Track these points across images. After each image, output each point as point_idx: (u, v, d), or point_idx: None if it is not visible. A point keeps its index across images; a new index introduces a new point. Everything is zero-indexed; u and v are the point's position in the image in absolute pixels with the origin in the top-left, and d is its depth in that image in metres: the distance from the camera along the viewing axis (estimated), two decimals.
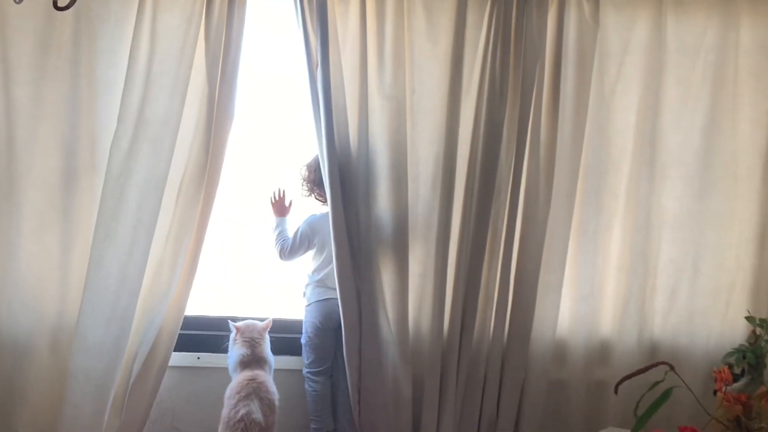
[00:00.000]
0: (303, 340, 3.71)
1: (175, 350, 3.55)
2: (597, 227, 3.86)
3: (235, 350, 3.57)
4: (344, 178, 3.58)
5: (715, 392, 3.74)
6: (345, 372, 3.65)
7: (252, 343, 3.57)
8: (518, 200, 3.73)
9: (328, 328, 3.68)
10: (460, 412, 3.75)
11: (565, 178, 3.78)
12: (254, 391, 3.41)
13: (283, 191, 3.83)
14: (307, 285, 3.79)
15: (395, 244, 3.63)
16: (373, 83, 3.60)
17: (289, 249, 3.73)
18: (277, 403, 3.48)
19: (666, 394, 3.37)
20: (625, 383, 3.87)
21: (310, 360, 3.68)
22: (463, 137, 3.67)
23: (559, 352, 3.90)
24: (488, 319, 3.76)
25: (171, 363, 3.54)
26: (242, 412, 3.35)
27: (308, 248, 3.76)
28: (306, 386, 3.68)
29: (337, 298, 3.63)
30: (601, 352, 3.94)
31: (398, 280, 3.65)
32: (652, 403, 3.35)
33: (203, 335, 3.71)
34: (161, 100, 3.37)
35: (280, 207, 3.83)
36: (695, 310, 3.96)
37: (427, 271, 3.68)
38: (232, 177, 3.65)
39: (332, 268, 3.64)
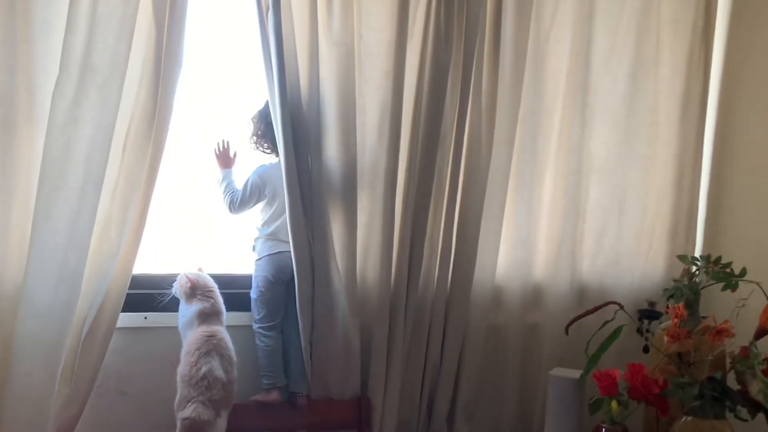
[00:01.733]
0: (254, 295, 3.63)
1: (121, 311, 3.41)
2: (532, 174, 3.98)
3: (194, 304, 3.44)
4: (296, 128, 3.51)
5: (638, 330, 3.98)
6: (296, 325, 3.62)
7: (211, 295, 3.48)
8: (462, 148, 3.77)
9: (280, 282, 3.62)
10: (405, 360, 3.80)
11: (505, 125, 3.85)
12: (214, 347, 3.32)
13: (227, 142, 3.72)
14: (257, 239, 3.70)
15: (344, 194, 3.61)
16: (323, 29, 3.52)
17: (239, 201, 3.63)
18: (235, 359, 3.42)
19: (617, 332, 3.58)
20: (557, 325, 4.06)
21: (261, 315, 3.61)
22: (408, 85, 3.66)
23: (496, 297, 4.01)
24: (433, 268, 3.81)
25: (117, 324, 3.40)
26: (204, 369, 3.26)
27: (258, 199, 3.66)
28: (257, 341, 3.61)
29: (289, 251, 3.58)
30: (535, 296, 4.09)
31: (347, 230, 3.64)
32: (604, 341, 3.55)
33: (151, 294, 3.56)
34: (109, 43, 3.15)
35: (225, 158, 3.71)
36: (621, 253, 4.16)
37: (373, 221, 3.68)
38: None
39: (284, 220, 3.59)
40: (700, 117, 4.19)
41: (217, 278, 3.62)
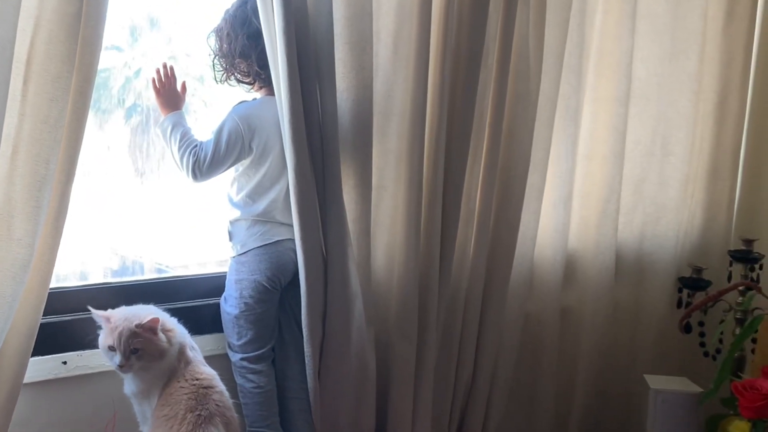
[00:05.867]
0: (233, 310, 2.33)
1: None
2: (578, 103, 2.90)
3: None
4: (300, 44, 2.22)
5: (679, 303, 3.12)
6: (295, 352, 2.42)
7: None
8: (508, 68, 2.62)
9: (277, 288, 2.35)
10: (433, 381, 2.66)
11: (554, 32, 2.76)
12: (217, 410, 2.09)
13: (171, 67, 2.34)
14: (236, 221, 2.37)
15: (355, 144, 2.37)
16: None
17: (210, 159, 2.25)
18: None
19: (754, 323, 2.71)
20: (599, 308, 3.14)
21: (245, 340, 2.32)
22: None
23: (531, 276, 2.96)
24: (468, 243, 2.69)
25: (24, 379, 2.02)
26: None
27: (239, 157, 2.32)
28: (240, 381, 2.34)
29: (290, 239, 2.34)
30: (569, 271, 3.06)
31: (360, 197, 2.42)
32: (735, 339, 2.70)
33: (71, 321, 2.18)
34: None
35: (171, 94, 2.32)
36: (664, 205, 3.21)
37: (386, 182, 2.48)
38: None
39: (281, 190, 2.34)
40: (749, 25, 3.23)
41: (162, 284, 2.32)
